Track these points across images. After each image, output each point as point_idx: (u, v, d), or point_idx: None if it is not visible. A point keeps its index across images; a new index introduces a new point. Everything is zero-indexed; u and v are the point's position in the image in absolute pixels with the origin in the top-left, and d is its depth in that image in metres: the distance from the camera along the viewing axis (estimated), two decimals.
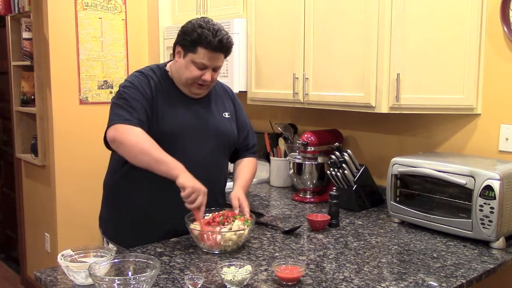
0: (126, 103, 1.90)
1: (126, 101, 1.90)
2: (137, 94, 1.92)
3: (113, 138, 1.86)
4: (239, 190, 2.04)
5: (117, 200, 2.08)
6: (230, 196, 2.01)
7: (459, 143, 2.38)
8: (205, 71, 1.95)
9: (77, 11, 3.36)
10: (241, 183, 2.09)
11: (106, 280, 1.41)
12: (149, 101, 1.93)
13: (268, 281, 1.59)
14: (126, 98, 1.91)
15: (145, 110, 1.91)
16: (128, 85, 1.96)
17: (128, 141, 1.84)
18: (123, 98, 1.92)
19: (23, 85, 3.72)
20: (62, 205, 3.41)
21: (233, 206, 1.97)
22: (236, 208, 1.96)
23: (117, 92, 1.97)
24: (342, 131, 2.82)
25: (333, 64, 2.44)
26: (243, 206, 1.96)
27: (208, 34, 1.89)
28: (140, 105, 1.90)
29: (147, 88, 1.95)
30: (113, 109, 1.92)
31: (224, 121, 2.11)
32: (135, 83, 1.96)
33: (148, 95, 1.94)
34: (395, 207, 2.21)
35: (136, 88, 1.94)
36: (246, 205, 1.96)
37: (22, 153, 3.78)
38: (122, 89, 1.96)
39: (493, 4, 2.17)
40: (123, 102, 1.91)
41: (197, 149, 2.00)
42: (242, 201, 1.98)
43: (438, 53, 2.18)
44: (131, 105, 1.89)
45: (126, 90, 1.94)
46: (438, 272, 1.69)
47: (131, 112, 1.88)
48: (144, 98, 1.93)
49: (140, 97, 1.92)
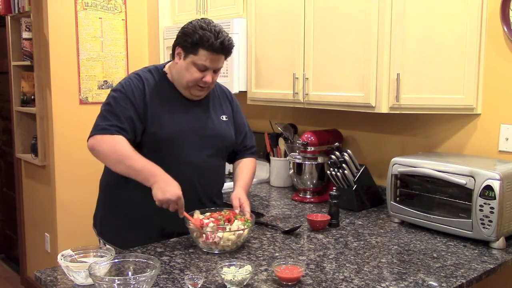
0: (109, 109, 1.92)
1: (110, 107, 1.92)
2: (124, 101, 1.92)
3: (91, 148, 1.91)
4: (240, 190, 2.04)
5: (113, 200, 2.07)
6: (231, 196, 2.01)
7: (459, 143, 2.38)
8: (206, 73, 1.94)
9: (77, 11, 3.36)
10: (242, 184, 2.09)
11: (106, 280, 1.41)
12: (138, 107, 1.93)
13: (268, 281, 1.59)
14: (111, 103, 1.93)
15: (129, 118, 1.91)
16: (118, 88, 1.96)
17: (104, 151, 1.88)
18: (108, 104, 1.94)
19: (23, 85, 3.72)
20: (62, 205, 3.41)
21: (234, 206, 1.97)
22: (236, 208, 1.96)
23: (107, 96, 1.99)
24: (342, 131, 2.82)
25: (333, 64, 2.44)
26: (244, 206, 1.96)
27: (210, 36, 1.88)
28: (124, 112, 1.90)
29: (138, 94, 1.94)
30: (97, 118, 1.95)
31: (222, 124, 2.10)
32: (126, 87, 1.95)
33: (138, 101, 1.93)
34: (395, 207, 2.21)
35: (125, 94, 1.93)
36: (247, 205, 1.97)
37: (22, 153, 3.78)
38: (112, 93, 1.97)
39: (493, 4, 2.17)
40: (107, 109, 1.93)
41: (194, 152, 1.99)
42: (242, 201, 1.98)
43: (438, 53, 2.18)
44: (115, 111, 1.90)
45: (115, 94, 1.95)
46: (438, 272, 1.69)
47: (110, 120, 1.89)
48: (132, 105, 1.92)
49: (126, 104, 1.92)
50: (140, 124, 1.93)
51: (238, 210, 1.95)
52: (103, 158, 1.91)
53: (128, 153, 1.85)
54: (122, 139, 1.87)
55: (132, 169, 1.84)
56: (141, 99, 1.94)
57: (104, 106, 1.95)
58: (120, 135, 1.87)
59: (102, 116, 1.93)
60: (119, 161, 1.86)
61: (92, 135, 1.91)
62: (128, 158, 1.84)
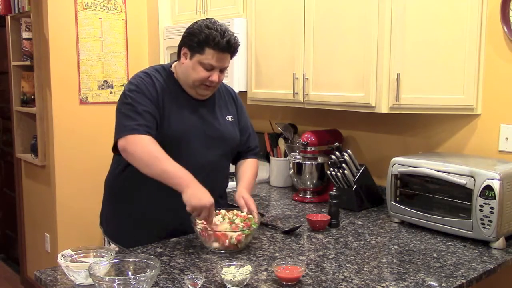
0: (132, 109, 1.89)
1: (132, 107, 1.89)
2: (143, 99, 1.91)
3: (123, 149, 1.87)
4: (243, 190, 2.04)
5: (119, 199, 2.08)
6: (235, 196, 2.01)
7: (459, 143, 2.38)
8: (212, 72, 1.94)
9: (77, 11, 3.36)
10: (244, 184, 2.09)
11: (106, 280, 1.41)
12: (155, 103, 1.92)
13: (268, 281, 1.59)
14: (131, 103, 1.90)
15: (152, 115, 1.90)
16: (133, 88, 1.93)
17: (137, 152, 1.85)
18: (128, 104, 1.90)
19: (23, 85, 3.72)
20: (62, 205, 3.41)
21: (240, 206, 1.96)
22: (243, 207, 1.95)
23: (122, 95, 1.95)
24: (342, 131, 2.82)
25: (333, 64, 2.44)
26: (249, 204, 1.95)
27: (216, 34, 1.89)
28: (146, 110, 1.89)
29: (153, 91, 1.94)
30: (120, 117, 1.91)
31: (228, 125, 2.11)
32: (140, 86, 1.94)
33: (154, 98, 1.93)
34: (395, 207, 2.21)
35: (141, 92, 1.92)
36: (252, 203, 1.96)
37: (22, 153, 3.78)
38: (127, 92, 1.93)
39: (493, 4, 2.17)
40: (129, 108, 1.89)
41: (201, 152, 1.99)
42: (247, 200, 1.97)
43: (438, 53, 2.18)
44: (138, 110, 1.88)
45: (131, 94, 1.92)
46: (438, 272, 1.69)
47: (137, 119, 1.87)
48: (151, 102, 1.91)
49: (146, 102, 1.91)
50: (159, 120, 1.93)
51: (246, 209, 1.94)
52: (134, 159, 1.87)
53: (160, 156, 1.83)
54: (153, 140, 1.86)
55: (165, 173, 1.81)
56: (156, 96, 1.94)
57: (124, 107, 1.91)
58: (149, 135, 1.86)
59: (126, 116, 1.89)
60: (152, 164, 1.83)
61: (122, 136, 1.87)
62: (161, 161, 1.82)
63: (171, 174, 1.81)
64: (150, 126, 1.88)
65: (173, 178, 1.81)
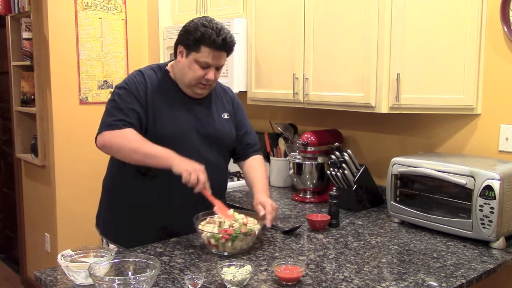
0: (115, 105, 1.92)
1: (116, 104, 1.92)
2: (129, 96, 1.92)
3: (102, 145, 1.90)
4: (261, 195, 1.99)
5: (118, 200, 2.07)
6: (254, 204, 1.98)
7: (459, 143, 2.38)
8: (208, 70, 1.94)
9: (77, 11, 3.36)
10: (261, 188, 2.04)
11: (106, 280, 1.41)
12: (142, 103, 1.93)
13: (268, 281, 1.59)
14: (116, 100, 1.93)
15: (135, 112, 1.91)
16: (122, 86, 1.97)
17: (116, 144, 1.88)
18: (113, 101, 1.94)
19: (23, 85, 3.72)
20: (62, 205, 3.41)
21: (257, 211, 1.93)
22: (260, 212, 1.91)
23: (112, 93, 1.99)
24: (342, 131, 2.82)
25: (333, 64, 2.44)
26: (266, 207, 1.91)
27: (212, 33, 1.89)
28: (129, 107, 1.91)
29: (142, 90, 1.95)
30: (103, 115, 1.95)
31: (223, 122, 2.10)
32: (130, 84, 1.96)
33: (142, 97, 1.94)
34: (395, 207, 2.21)
35: (129, 90, 1.94)
36: (269, 212, 1.90)
37: (22, 153, 3.78)
38: (116, 90, 1.97)
39: (493, 4, 2.17)
40: (113, 105, 1.93)
41: (196, 150, 1.99)
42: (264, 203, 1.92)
43: (438, 53, 2.18)
44: (120, 107, 1.91)
45: (119, 91, 1.95)
46: (438, 272, 1.69)
47: (117, 115, 1.89)
48: (137, 100, 1.93)
49: (131, 99, 1.92)
50: (145, 119, 1.93)
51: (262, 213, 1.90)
52: (115, 151, 1.90)
53: (140, 141, 1.85)
54: (132, 130, 1.88)
55: (148, 155, 1.83)
56: (144, 95, 1.95)
57: (109, 104, 1.95)
58: (128, 128, 1.88)
59: (108, 113, 1.93)
60: (133, 151, 1.85)
61: (99, 133, 1.91)
62: (142, 145, 1.84)
63: (154, 154, 1.82)
64: (131, 122, 1.89)
65: (157, 158, 1.82)
